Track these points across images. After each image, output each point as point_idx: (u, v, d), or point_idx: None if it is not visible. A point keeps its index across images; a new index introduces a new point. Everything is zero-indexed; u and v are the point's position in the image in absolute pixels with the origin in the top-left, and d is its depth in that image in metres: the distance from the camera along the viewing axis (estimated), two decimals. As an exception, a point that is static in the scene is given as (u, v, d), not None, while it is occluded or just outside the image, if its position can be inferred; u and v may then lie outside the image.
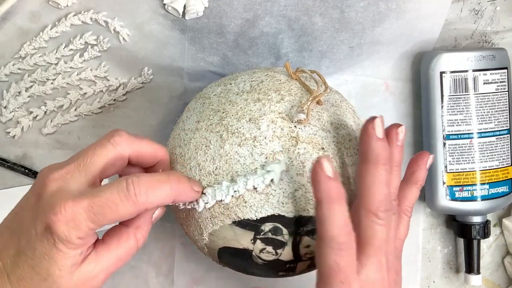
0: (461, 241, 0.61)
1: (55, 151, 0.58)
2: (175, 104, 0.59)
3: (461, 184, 0.57)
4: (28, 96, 0.57)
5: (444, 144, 0.57)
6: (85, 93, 0.58)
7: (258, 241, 0.42)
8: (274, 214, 0.41)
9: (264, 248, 0.42)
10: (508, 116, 0.58)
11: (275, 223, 0.41)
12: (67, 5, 0.56)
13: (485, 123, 0.57)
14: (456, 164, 0.57)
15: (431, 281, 0.63)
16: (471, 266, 0.59)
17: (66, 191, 0.38)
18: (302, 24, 0.57)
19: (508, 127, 0.58)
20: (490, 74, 0.57)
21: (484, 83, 0.57)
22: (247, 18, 0.56)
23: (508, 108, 0.58)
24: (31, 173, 0.57)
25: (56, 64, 0.57)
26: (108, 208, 0.37)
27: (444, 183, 0.57)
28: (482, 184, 0.57)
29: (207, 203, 0.42)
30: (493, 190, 0.57)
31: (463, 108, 0.56)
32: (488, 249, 0.63)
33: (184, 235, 0.51)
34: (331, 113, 0.44)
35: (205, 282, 0.60)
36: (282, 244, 0.42)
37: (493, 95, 0.57)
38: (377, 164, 0.40)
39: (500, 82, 0.57)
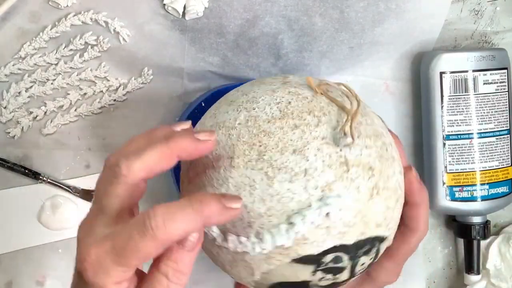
0: (461, 242, 0.61)
1: (55, 152, 0.58)
2: (175, 104, 0.59)
3: (461, 184, 0.57)
4: (28, 97, 0.57)
5: (444, 144, 0.57)
6: (85, 94, 0.58)
7: (319, 272, 0.40)
8: (335, 246, 0.39)
9: (324, 277, 0.40)
10: (508, 116, 0.58)
11: (336, 253, 0.39)
12: (67, 5, 0.56)
13: (485, 123, 0.57)
14: (456, 164, 0.57)
15: (431, 282, 0.63)
16: (471, 266, 0.59)
17: (91, 235, 0.35)
18: (302, 25, 0.56)
19: (508, 127, 0.58)
20: (490, 74, 0.57)
21: (484, 84, 0.56)
22: (247, 18, 0.56)
23: (508, 108, 0.58)
24: (31, 174, 0.57)
25: (56, 64, 0.57)
26: (129, 247, 0.34)
27: (444, 183, 0.57)
28: (482, 184, 0.57)
29: (264, 249, 0.39)
30: (493, 191, 0.57)
31: (463, 109, 0.56)
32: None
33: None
34: (364, 126, 0.41)
35: (205, 283, 0.60)
36: (341, 270, 0.40)
37: (493, 96, 0.57)
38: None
39: (500, 82, 0.57)
